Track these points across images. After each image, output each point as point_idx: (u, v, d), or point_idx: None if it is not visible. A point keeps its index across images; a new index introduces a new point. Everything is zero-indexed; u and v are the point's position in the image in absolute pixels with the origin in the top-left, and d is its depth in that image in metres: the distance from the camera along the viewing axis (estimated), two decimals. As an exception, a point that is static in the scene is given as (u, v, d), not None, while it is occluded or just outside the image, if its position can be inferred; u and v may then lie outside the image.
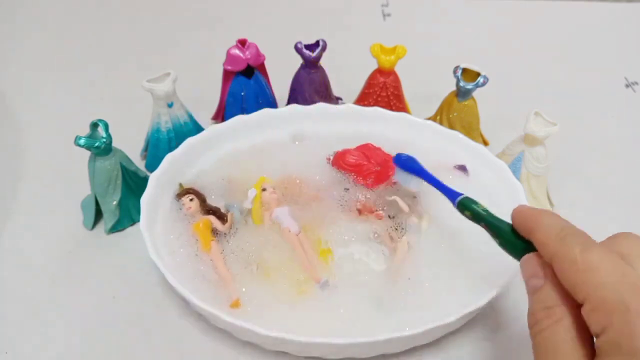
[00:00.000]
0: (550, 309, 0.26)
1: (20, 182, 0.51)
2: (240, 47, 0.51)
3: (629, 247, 0.26)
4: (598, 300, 0.24)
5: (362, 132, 0.50)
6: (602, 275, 0.24)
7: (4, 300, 0.41)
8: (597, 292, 0.24)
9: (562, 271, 0.26)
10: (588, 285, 0.24)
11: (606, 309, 0.23)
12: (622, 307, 0.23)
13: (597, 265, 0.25)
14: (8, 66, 0.67)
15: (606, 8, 0.79)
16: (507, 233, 0.31)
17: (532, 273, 0.28)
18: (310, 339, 0.34)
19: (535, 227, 0.29)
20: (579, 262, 0.25)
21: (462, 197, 0.35)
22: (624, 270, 0.24)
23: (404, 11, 0.78)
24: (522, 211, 0.30)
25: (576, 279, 0.25)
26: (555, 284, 0.26)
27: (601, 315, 0.23)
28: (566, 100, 0.62)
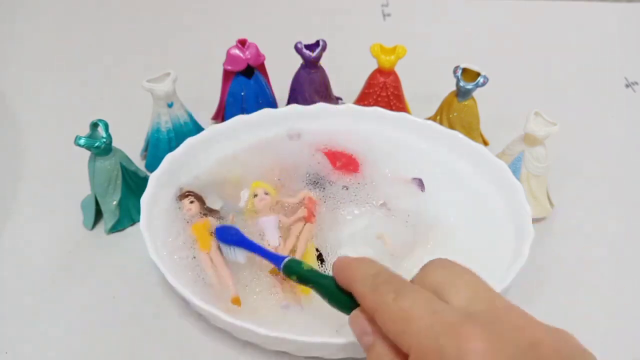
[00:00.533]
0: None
1: (20, 182, 0.51)
2: (240, 47, 0.51)
3: (442, 275, 0.26)
4: (419, 350, 0.23)
5: (362, 132, 0.50)
6: (416, 322, 0.24)
7: (4, 300, 0.41)
8: (415, 340, 0.24)
9: (382, 323, 0.25)
10: (407, 335, 0.24)
11: (427, 358, 0.23)
12: (439, 353, 0.23)
13: (410, 311, 0.24)
14: (8, 66, 0.67)
15: (606, 8, 0.79)
16: (332, 289, 0.30)
17: (361, 331, 0.27)
18: (310, 339, 0.34)
19: (352, 279, 0.28)
20: (394, 312, 0.25)
21: (287, 260, 0.34)
22: (434, 309, 0.24)
23: (404, 11, 0.78)
24: (341, 262, 0.29)
25: (396, 330, 0.25)
26: (385, 337, 0.26)
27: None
28: (566, 100, 0.62)
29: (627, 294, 0.43)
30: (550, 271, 0.44)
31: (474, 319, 0.24)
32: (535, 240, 0.39)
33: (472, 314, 0.24)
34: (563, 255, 0.45)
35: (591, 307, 0.42)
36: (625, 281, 0.44)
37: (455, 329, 0.23)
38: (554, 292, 0.43)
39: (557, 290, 0.42)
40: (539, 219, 0.47)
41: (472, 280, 0.27)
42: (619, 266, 0.45)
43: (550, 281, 0.43)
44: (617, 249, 0.46)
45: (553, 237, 0.47)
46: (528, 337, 0.23)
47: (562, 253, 0.46)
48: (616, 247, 0.47)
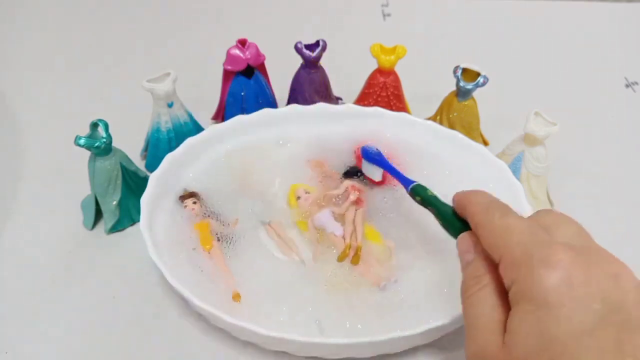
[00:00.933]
0: (478, 277, 0.28)
1: (20, 182, 0.51)
2: (240, 47, 0.51)
3: (548, 219, 0.28)
4: (510, 257, 0.26)
5: (362, 132, 0.50)
6: (514, 235, 0.26)
7: (4, 300, 0.41)
8: (509, 250, 0.26)
9: (484, 236, 0.28)
10: (502, 246, 0.27)
11: (515, 264, 0.25)
12: (527, 259, 0.25)
13: (511, 227, 0.27)
14: (8, 66, 0.67)
15: (606, 8, 0.79)
16: (448, 214, 0.33)
17: (465, 249, 0.30)
18: (310, 339, 0.34)
19: (467, 203, 0.31)
20: (496, 226, 0.28)
21: (414, 184, 0.38)
22: (534, 230, 0.26)
23: (404, 11, 0.78)
24: (460, 193, 0.33)
25: (494, 241, 0.27)
26: (484, 257, 0.28)
27: (511, 269, 0.25)
28: (566, 100, 0.62)
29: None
30: (550, 271, 0.44)
31: (569, 245, 0.25)
32: (535, 240, 0.39)
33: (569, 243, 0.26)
34: (563, 255, 0.45)
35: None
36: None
37: (548, 243, 0.25)
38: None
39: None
40: (539, 219, 0.47)
41: (577, 226, 0.28)
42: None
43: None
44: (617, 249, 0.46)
45: (553, 237, 0.47)
46: (614, 270, 0.25)
47: (562, 253, 0.45)
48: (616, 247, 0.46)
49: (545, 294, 0.23)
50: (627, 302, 0.23)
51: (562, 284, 0.23)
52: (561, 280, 0.23)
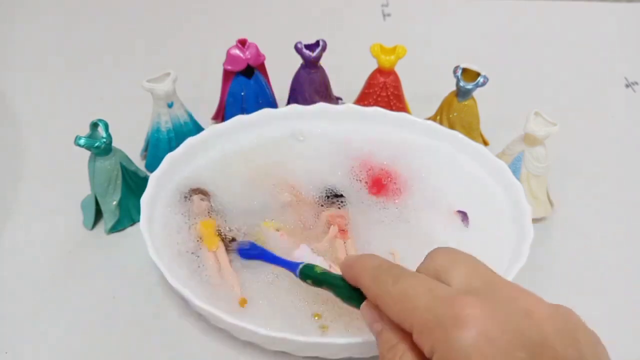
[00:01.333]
0: (394, 347, 0.26)
1: (20, 182, 0.51)
2: (240, 47, 0.51)
3: (441, 261, 0.28)
4: (419, 326, 0.25)
5: (362, 132, 0.50)
6: (415, 300, 0.25)
7: (4, 300, 0.41)
8: (416, 318, 0.25)
9: (385, 308, 0.27)
10: (407, 313, 0.25)
11: (427, 331, 0.24)
12: (438, 324, 0.24)
13: (408, 291, 0.26)
14: (8, 66, 0.67)
15: (606, 8, 0.79)
16: (344, 288, 0.31)
17: (370, 319, 0.29)
18: (310, 339, 0.34)
19: (357, 274, 0.30)
20: (393, 295, 0.26)
21: (301, 267, 0.35)
22: (432, 288, 0.25)
23: (404, 11, 0.78)
24: (347, 260, 0.31)
25: (397, 311, 0.26)
26: (392, 325, 0.27)
27: (425, 337, 0.24)
28: (566, 100, 0.62)
29: (628, 294, 0.43)
30: (550, 271, 0.44)
31: (470, 291, 0.25)
32: (535, 240, 0.39)
33: (469, 290, 0.25)
34: (563, 255, 0.45)
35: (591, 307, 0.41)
36: (626, 281, 0.44)
37: (452, 300, 0.24)
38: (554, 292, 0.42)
39: (557, 290, 0.42)
40: (539, 219, 0.47)
41: (471, 261, 0.28)
42: (619, 266, 0.45)
43: (550, 281, 0.43)
44: (617, 249, 0.46)
45: (553, 237, 0.47)
46: (524, 305, 0.24)
47: (562, 253, 0.46)
48: (616, 247, 0.47)
49: (467, 357, 0.22)
50: (547, 337, 0.23)
51: (480, 340, 0.22)
52: (478, 337, 0.22)
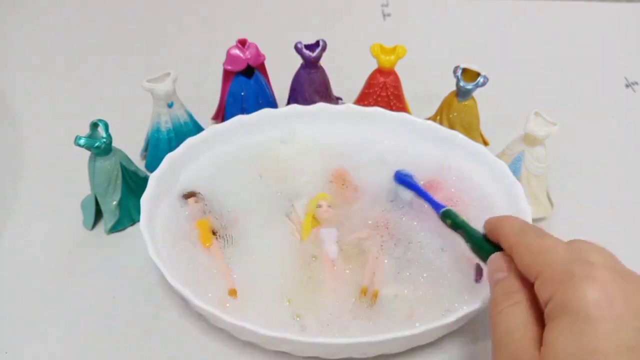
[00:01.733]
0: (510, 294, 0.28)
1: (20, 182, 0.51)
2: (240, 47, 0.51)
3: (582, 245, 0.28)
4: (549, 274, 0.26)
5: (362, 132, 0.50)
6: (554, 254, 0.27)
7: (4, 300, 0.41)
8: (547, 267, 0.26)
9: (520, 256, 0.28)
10: (540, 264, 0.27)
11: (555, 279, 0.26)
12: (567, 275, 0.25)
13: (550, 247, 0.27)
14: (8, 66, 0.67)
15: (606, 8, 0.79)
16: (479, 238, 0.34)
17: (496, 268, 0.30)
18: (310, 339, 0.34)
19: (499, 226, 0.32)
20: (534, 245, 0.28)
21: (445, 209, 0.39)
22: (573, 250, 0.27)
23: (404, 11, 0.78)
24: (492, 218, 0.33)
25: (531, 260, 0.28)
26: (517, 275, 0.29)
27: (550, 285, 0.26)
28: (566, 100, 0.62)
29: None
30: (550, 271, 0.44)
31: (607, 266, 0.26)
32: (535, 240, 0.39)
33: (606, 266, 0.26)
34: (563, 255, 0.45)
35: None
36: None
37: (589, 264, 0.25)
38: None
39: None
40: (539, 219, 0.47)
41: (608, 253, 0.29)
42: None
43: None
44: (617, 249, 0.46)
45: (553, 237, 0.47)
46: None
47: (562, 253, 0.45)
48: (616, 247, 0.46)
49: (586, 308, 0.23)
50: None
51: (604, 300, 0.24)
52: (602, 297, 0.24)
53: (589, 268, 0.25)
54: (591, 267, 0.25)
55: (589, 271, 0.25)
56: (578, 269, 0.25)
